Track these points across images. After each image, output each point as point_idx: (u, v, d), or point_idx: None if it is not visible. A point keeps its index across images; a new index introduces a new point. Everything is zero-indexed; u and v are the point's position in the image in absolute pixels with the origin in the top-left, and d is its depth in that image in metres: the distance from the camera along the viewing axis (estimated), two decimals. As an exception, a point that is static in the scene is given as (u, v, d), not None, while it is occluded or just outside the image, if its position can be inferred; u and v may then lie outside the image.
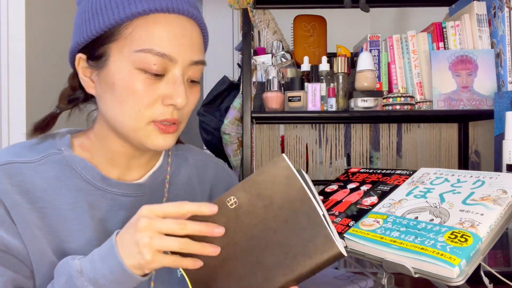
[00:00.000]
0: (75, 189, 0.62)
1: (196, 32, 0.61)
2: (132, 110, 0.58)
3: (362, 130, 1.51)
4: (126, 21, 0.57)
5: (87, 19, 0.59)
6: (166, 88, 0.58)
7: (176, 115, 0.61)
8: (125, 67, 0.57)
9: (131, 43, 0.57)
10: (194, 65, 0.61)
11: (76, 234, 0.60)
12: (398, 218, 0.65)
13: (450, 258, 0.52)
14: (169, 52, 0.57)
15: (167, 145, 0.62)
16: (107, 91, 0.60)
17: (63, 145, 0.64)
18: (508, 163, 0.85)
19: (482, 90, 1.18)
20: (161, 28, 0.57)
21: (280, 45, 1.39)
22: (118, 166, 0.66)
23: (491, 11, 1.21)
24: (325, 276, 1.02)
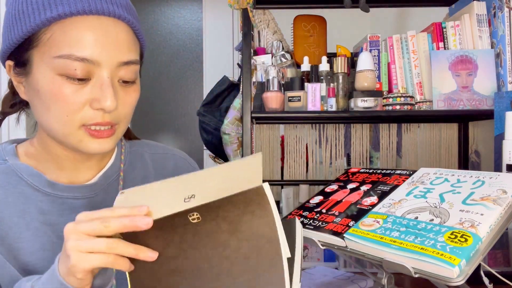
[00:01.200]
0: (23, 196, 0.61)
1: (123, 31, 0.58)
2: (59, 116, 0.56)
3: (362, 130, 1.51)
4: (43, 27, 0.55)
5: (9, 26, 0.58)
6: (92, 92, 0.56)
7: (109, 118, 0.58)
8: (48, 74, 0.55)
9: (50, 49, 0.55)
10: (125, 66, 0.58)
11: (28, 241, 0.60)
12: (398, 218, 0.65)
13: (450, 258, 0.52)
14: (90, 55, 0.54)
15: (103, 149, 0.59)
16: (35, 98, 0.58)
17: (7, 155, 0.64)
18: (508, 163, 0.85)
19: (482, 90, 1.18)
20: (79, 31, 0.54)
21: (280, 45, 1.39)
22: (66, 169, 0.65)
23: (491, 11, 1.21)
24: (325, 276, 1.02)
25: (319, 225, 0.75)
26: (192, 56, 2.99)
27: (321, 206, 0.82)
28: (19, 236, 0.60)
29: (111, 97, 0.56)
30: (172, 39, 2.99)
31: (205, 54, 2.67)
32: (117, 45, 0.57)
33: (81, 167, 0.65)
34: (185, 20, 3.02)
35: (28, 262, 0.59)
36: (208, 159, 2.68)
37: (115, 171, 0.69)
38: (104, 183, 0.67)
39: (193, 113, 2.99)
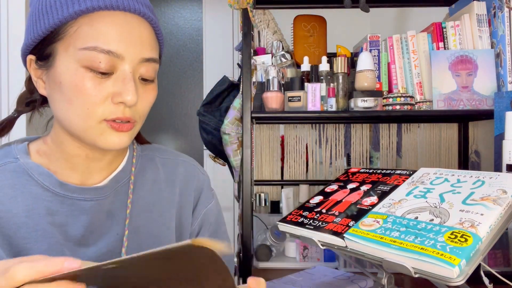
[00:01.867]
0: (31, 196, 0.61)
1: (146, 29, 0.60)
2: (81, 109, 0.57)
3: (362, 130, 1.51)
4: (70, 20, 0.56)
5: (35, 20, 0.59)
6: (114, 86, 0.57)
7: (129, 113, 0.59)
8: (71, 66, 0.56)
9: (76, 41, 0.56)
10: (146, 63, 0.60)
11: (35, 241, 0.60)
12: (398, 218, 0.65)
13: (450, 258, 0.52)
14: (115, 49, 0.56)
15: (122, 143, 0.60)
16: (56, 91, 0.59)
17: (19, 153, 0.63)
18: (508, 163, 0.85)
19: (482, 90, 1.18)
20: (106, 25, 0.56)
21: (280, 45, 1.39)
22: (78, 170, 0.64)
23: (491, 11, 1.21)
24: (325, 276, 1.02)
25: (319, 225, 0.75)
26: (192, 56, 2.99)
27: (321, 206, 0.82)
28: (26, 236, 0.59)
29: (132, 91, 0.57)
30: (172, 39, 2.99)
31: (205, 54, 2.67)
32: (140, 42, 0.58)
33: (93, 168, 0.65)
34: (185, 20, 3.02)
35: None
36: (208, 159, 2.68)
37: (126, 175, 0.69)
38: (115, 186, 0.67)
39: (193, 113, 2.99)
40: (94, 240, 0.64)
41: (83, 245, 0.63)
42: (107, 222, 0.65)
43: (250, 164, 1.22)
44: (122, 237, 0.65)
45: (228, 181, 1.62)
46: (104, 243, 0.64)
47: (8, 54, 1.40)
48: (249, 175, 1.21)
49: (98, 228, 0.64)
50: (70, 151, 0.63)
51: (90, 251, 0.63)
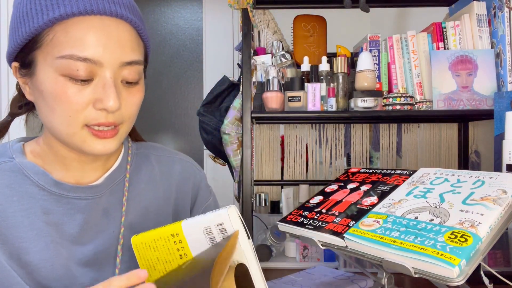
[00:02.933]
0: (28, 195, 0.61)
1: (126, 32, 0.58)
2: (63, 116, 0.57)
3: (362, 130, 1.51)
4: (46, 28, 0.55)
5: (15, 26, 0.58)
6: (95, 92, 0.56)
7: (112, 118, 0.58)
8: (51, 75, 0.56)
9: (52, 49, 0.55)
10: (128, 66, 0.58)
11: (31, 241, 0.60)
12: (398, 218, 0.65)
13: (450, 258, 0.52)
14: (92, 55, 0.55)
15: (107, 149, 0.60)
16: (39, 98, 0.59)
17: (14, 153, 0.64)
18: (508, 163, 0.85)
19: (482, 90, 1.18)
20: (81, 31, 0.55)
21: (280, 45, 1.39)
22: (72, 170, 0.65)
23: (491, 11, 1.21)
24: (325, 276, 1.02)
25: (319, 225, 0.75)
26: (192, 56, 2.99)
27: (321, 206, 0.82)
28: (22, 236, 0.60)
29: (113, 97, 0.56)
30: (172, 39, 2.99)
31: (205, 54, 2.67)
32: (119, 45, 0.57)
33: (87, 168, 0.66)
34: (185, 20, 3.02)
35: (31, 262, 0.59)
36: (208, 159, 2.68)
37: (121, 172, 0.69)
38: (110, 184, 0.67)
39: (193, 113, 2.99)
40: (90, 238, 0.64)
41: (80, 243, 0.63)
42: (103, 220, 0.66)
43: (250, 164, 1.22)
44: (118, 234, 0.66)
45: (228, 181, 1.62)
46: (101, 241, 0.65)
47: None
48: (249, 175, 1.21)
49: (94, 226, 0.65)
50: (62, 153, 0.63)
51: (87, 249, 0.64)
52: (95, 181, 0.67)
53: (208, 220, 0.57)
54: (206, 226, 0.57)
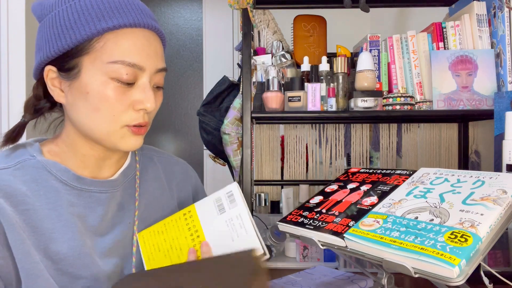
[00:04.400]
0: (53, 190, 0.66)
1: (158, 42, 0.68)
2: (107, 116, 0.64)
3: (362, 130, 1.51)
4: (97, 36, 0.62)
5: (56, 34, 0.64)
6: (136, 95, 0.65)
7: (147, 118, 0.68)
8: (98, 78, 0.63)
9: (102, 55, 0.62)
10: (159, 72, 0.68)
11: (61, 231, 0.65)
12: (398, 218, 0.65)
13: (450, 258, 0.52)
14: (138, 62, 0.63)
15: (138, 145, 0.68)
16: (80, 100, 0.65)
17: (34, 152, 0.68)
18: (508, 163, 0.85)
19: (482, 90, 1.18)
20: (129, 41, 0.63)
21: (280, 45, 1.39)
22: (89, 167, 0.71)
23: (491, 11, 1.21)
24: (325, 276, 1.02)
25: (319, 225, 0.75)
26: (192, 56, 2.99)
27: (321, 206, 0.82)
28: (51, 227, 0.64)
29: (152, 99, 0.65)
30: (172, 39, 2.99)
31: (205, 54, 2.67)
32: (156, 54, 0.66)
33: (102, 165, 0.72)
34: (185, 20, 3.02)
35: (59, 251, 0.64)
36: (208, 159, 2.68)
37: (132, 170, 0.77)
38: (124, 180, 0.75)
39: (193, 113, 2.99)
40: (109, 229, 0.71)
41: (100, 234, 0.69)
42: (119, 213, 0.73)
43: (250, 164, 1.22)
44: (132, 226, 0.74)
45: (228, 181, 1.62)
46: (118, 231, 0.71)
47: (8, 55, 1.40)
48: (249, 175, 1.21)
49: (112, 218, 0.71)
50: (83, 151, 0.70)
51: (107, 238, 0.70)
52: (110, 176, 0.74)
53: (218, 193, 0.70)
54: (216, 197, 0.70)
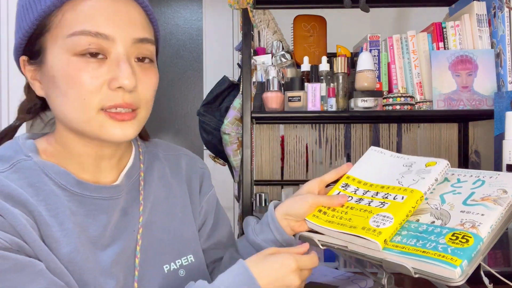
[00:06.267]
0: (53, 195, 0.58)
1: (135, 10, 0.58)
2: (77, 100, 0.54)
3: (362, 130, 1.51)
4: (54, 9, 0.54)
5: (20, 17, 0.57)
6: (110, 71, 0.54)
7: (129, 99, 0.56)
8: (62, 57, 0.54)
9: (62, 30, 0.54)
10: (139, 44, 0.57)
11: (61, 242, 0.56)
12: (399, 220, 0.64)
13: (451, 260, 0.52)
14: (104, 30, 0.53)
15: (126, 135, 0.57)
16: (51, 87, 0.56)
17: (29, 151, 0.60)
18: (508, 163, 0.85)
19: (482, 90, 1.18)
20: (90, 8, 0.54)
21: (280, 45, 1.39)
22: (89, 170, 0.62)
23: (491, 11, 1.21)
24: (325, 276, 1.02)
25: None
26: (192, 56, 2.99)
27: (321, 206, 0.82)
28: (53, 236, 0.56)
29: (128, 73, 0.54)
30: (172, 39, 2.99)
31: (205, 54, 2.67)
32: (130, 22, 0.56)
33: (103, 166, 0.63)
34: (185, 20, 3.02)
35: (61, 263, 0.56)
36: (208, 159, 2.68)
37: (136, 171, 0.68)
38: (127, 183, 0.66)
39: (193, 113, 2.99)
40: (112, 238, 0.62)
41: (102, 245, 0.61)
42: (123, 220, 0.64)
43: (250, 164, 1.22)
44: (136, 234, 0.64)
45: (228, 181, 1.62)
46: (122, 241, 0.63)
47: (8, 54, 1.40)
48: (249, 175, 1.21)
49: (115, 227, 0.63)
50: (77, 150, 0.61)
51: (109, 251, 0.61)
52: (112, 180, 0.65)
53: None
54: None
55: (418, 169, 0.69)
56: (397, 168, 0.71)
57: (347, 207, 0.67)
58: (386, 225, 0.60)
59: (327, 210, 0.68)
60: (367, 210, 0.64)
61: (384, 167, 0.73)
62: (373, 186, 0.70)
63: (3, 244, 0.51)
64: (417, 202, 0.63)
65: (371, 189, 0.69)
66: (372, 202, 0.66)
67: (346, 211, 0.66)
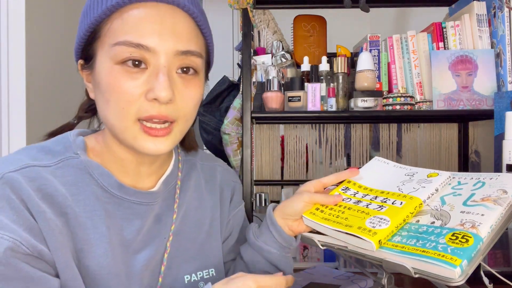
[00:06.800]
0: (93, 196, 0.58)
1: (183, 20, 0.57)
2: (116, 108, 0.54)
3: (362, 130, 1.51)
4: (104, 17, 0.55)
5: (80, 22, 0.59)
6: (148, 82, 0.54)
7: (165, 111, 0.55)
8: (106, 64, 0.55)
9: (109, 38, 0.54)
10: (183, 56, 0.56)
11: (92, 244, 0.57)
12: (399, 221, 0.64)
13: (451, 259, 0.52)
14: (145, 41, 0.53)
15: (158, 149, 0.57)
16: (98, 93, 0.57)
17: (78, 149, 0.60)
18: (508, 163, 0.85)
19: (482, 90, 1.18)
20: (136, 18, 0.53)
21: (280, 45, 1.39)
22: (129, 174, 0.63)
23: (491, 11, 1.21)
24: (325, 276, 1.02)
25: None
26: (192, 56, 2.99)
27: (321, 206, 0.82)
28: (85, 238, 0.57)
29: (166, 86, 0.53)
30: (172, 39, 2.99)
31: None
32: (174, 34, 0.55)
33: (143, 172, 0.64)
34: (185, 20, 3.01)
35: (88, 266, 0.57)
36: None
37: (173, 179, 0.68)
38: (164, 190, 0.66)
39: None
40: (143, 244, 0.63)
41: (134, 250, 0.61)
42: (155, 226, 0.64)
43: (250, 164, 1.22)
44: (166, 242, 0.65)
45: (228, 181, 1.62)
46: (153, 247, 0.63)
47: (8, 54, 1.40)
48: (249, 175, 1.21)
49: (147, 232, 0.63)
50: (119, 154, 0.61)
51: (140, 256, 0.62)
52: (150, 186, 0.65)
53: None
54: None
55: (419, 179, 0.69)
56: (398, 176, 0.71)
57: (344, 207, 0.67)
58: (382, 226, 0.60)
59: (324, 209, 0.68)
60: (364, 211, 0.64)
61: (386, 175, 0.73)
62: (373, 191, 0.70)
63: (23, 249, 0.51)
64: (416, 209, 0.63)
65: (370, 193, 0.69)
66: (370, 204, 0.66)
67: (344, 210, 0.66)
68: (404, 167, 0.74)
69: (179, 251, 0.67)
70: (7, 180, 0.53)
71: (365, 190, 0.70)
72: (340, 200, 0.68)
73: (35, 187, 0.54)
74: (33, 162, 0.56)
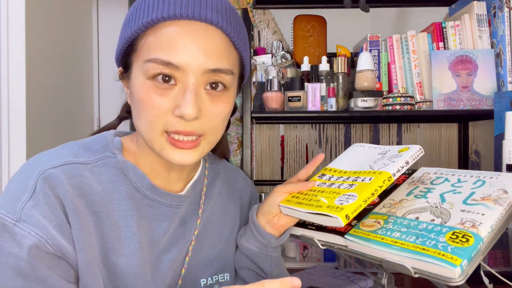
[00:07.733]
0: (127, 196, 0.60)
1: (215, 37, 0.56)
2: (145, 120, 0.56)
3: (362, 130, 1.51)
4: (140, 32, 0.56)
5: (121, 31, 0.61)
6: (176, 97, 0.55)
7: (191, 127, 0.56)
8: (140, 79, 0.56)
9: (143, 53, 0.56)
10: (212, 73, 0.56)
11: (124, 243, 0.58)
12: (399, 219, 0.65)
13: (451, 259, 0.52)
14: (175, 60, 0.54)
15: (185, 161, 0.58)
16: (132, 102, 0.60)
17: (115, 149, 0.62)
18: (508, 163, 0.85)
19: (482, 90, 1.18)
20: (169, 36, 0.54)
21: (280, 45, 1.39)
22: (160, 177, 0.64)
23: (491, 11, 1.21)
24: (325, 276, 1.02)
25: (321, 225, 0.75)
26: (192, 56, 2.99)
27: (322, 206, 0.82)
28: (116, 236, 0.58)
29: (191, 105, 0.54)
30: (172, 39, 2.99)
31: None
32: (205, 52, 0.55)
33: (173, 177, 0.65)
34: (185, 20, 3.01)
35: (117, 264, 0.58)
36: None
37: (199, 185, 0.70)
38: (191, 195, 0.68)
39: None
40: (168, 246, 0.64)
41: (160, 251, 0.63)
42: (180, 229, 0.66)
43: (250, 164, 1.22)
44: (189, 245, 0.67)
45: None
46: (177, 249, 0.65)
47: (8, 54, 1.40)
48: (249, 175, 1.21)
49: (173, 234, 0.65)
50: (152, 159, 0.63)
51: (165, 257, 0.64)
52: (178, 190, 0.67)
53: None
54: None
55: (390, 155, 0.70)
56: (371, 156, 0.73)
57: (318, 191, 0.69)
58: (349, 202, 0.60)
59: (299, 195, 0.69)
60: (335, 192, 0.66)
61: (360, 157, 0.75)
62: (346, 173, 0.72)
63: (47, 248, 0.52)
64: (384, 182, 0.64)
65: (344, 175, 0.71)
66: (341, 185, 0.68)
67: (316, 194, 0.67)
68: (379, 147, 0.76)
69: (199, 255, 0.69)
70: (46, 175, 0.54)
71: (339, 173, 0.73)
72: (312, 185, 0.70)
73: (74, 183, 0.56)
74: (74, 159, 0.58)
